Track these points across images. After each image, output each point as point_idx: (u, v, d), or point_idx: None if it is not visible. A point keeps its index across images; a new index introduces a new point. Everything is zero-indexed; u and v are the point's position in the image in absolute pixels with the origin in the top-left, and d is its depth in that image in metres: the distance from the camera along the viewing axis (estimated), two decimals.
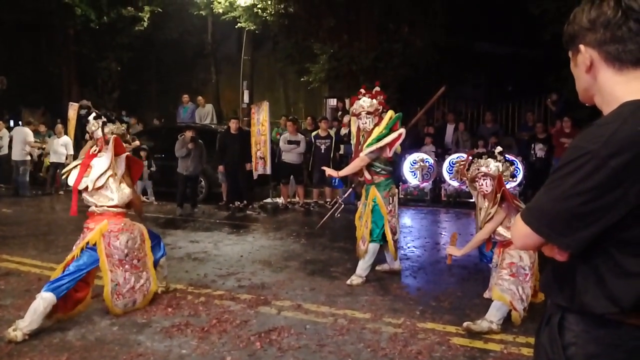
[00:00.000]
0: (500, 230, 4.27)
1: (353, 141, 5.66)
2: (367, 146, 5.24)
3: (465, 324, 4.06)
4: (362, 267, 5.35)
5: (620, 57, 1.28)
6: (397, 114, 5.34)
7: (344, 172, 5.75)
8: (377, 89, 5.42)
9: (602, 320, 1.26)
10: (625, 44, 1.26)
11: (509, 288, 4.05)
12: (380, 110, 5.28)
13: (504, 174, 4.34)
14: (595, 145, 1.18)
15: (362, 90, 5.42)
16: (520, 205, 4.20)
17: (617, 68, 1.29)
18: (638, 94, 1.24)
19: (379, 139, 5.19)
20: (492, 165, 4.34)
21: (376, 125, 5.27)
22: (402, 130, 5.24)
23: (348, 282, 5.27)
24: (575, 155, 1.21)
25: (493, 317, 4.02)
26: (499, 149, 4.55)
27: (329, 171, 5.83)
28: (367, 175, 5.42)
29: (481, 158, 4.44)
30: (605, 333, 1.27)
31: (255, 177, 10.76)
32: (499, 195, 4.19)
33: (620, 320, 1.24)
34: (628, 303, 1.22)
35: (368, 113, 5.26)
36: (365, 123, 5.28)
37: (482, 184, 4.39)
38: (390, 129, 5.23)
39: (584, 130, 1.25)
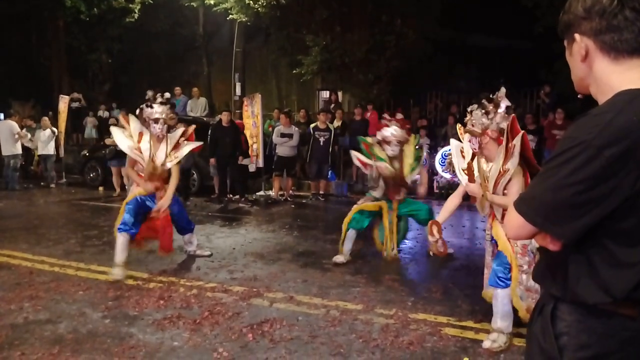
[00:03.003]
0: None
1: (384, 160, 5.62)
2: (411, 171, 5.70)
3: (485, 345, 3.61)
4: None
5: (616, 46, 1.26)
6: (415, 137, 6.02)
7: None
8: (400, 116, 5.81)
9: (595, 310, 1.26)
10: (621, 33, 1.25)
11: (527, 287, 3.59)
12: (408, 139, 5.71)
13: (500, 123, 3.59)
14: (590, 135, 1.17)
15: (387, 117, 5.76)
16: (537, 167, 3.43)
17: (612, 57, 1.28)
18: (634, 84, 1.23)
19: (416, 161, 5.75)
20: (479, 121, 3.70)
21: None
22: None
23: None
24: (570, 145, 1.20)
25: (505, 328, 3.63)
26: (502, 91, 3.69)
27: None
28: (397, 196, 5.71)
29: (476, 109, 3.77)
30: (597, 323, 1.27)
31: (253, 169, 10.75)
32: (513, 145, 3.37)
33: (612, 310, 1.24)
34: (621, 293, 1.22)
35: (398, 142, 5.58)
36: (394, 150, 5.58)
37: (470, 140, 3.81)
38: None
39: (579, 119, 1.24)
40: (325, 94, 15.83)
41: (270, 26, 15.72)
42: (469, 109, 3.84)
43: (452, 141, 4.39)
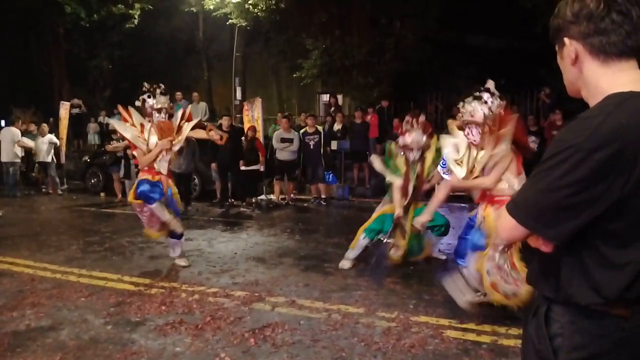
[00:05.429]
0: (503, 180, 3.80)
1: (399, 173, 5.54)
2: (428, 174, 5.61)
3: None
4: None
5: (604, 49, 1.28)
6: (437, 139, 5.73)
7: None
8: (422, 118, 5.55)
9: (587, 311, 1.27)
10: (608, 35, 1.27)
11: (498, 265, 3.73)
12: (429, 146, 5.55)
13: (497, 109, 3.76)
14: (580, 139, 1.19)
15: (409, 119, 5.53)
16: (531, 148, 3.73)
17: (601, 60, 1.30)
18: (623, 86, 1.25)
19: (435, 162, 5.60)
20: (478, 110, 3.85)
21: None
22: None
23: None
24: (560, 148, 1.22)
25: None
26: (490, 83, 3.92)
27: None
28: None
29: (466, 103, 3.94)
30: (590, 324, 1.28)
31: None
32: (504, 132, 3.58)
33: (605, 311, 1.26)
34: (612, 294, 1.23)
35: (419, 148, 5.45)
36: (415, 156, 5.47)
37: (467, 133, 3.96)
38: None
39: (569, 123, 1.26)
40: (326, 97, 15.85)
41: (270, 30, 15.77)
42: (460, 104, 3.97)
43: (445, 137, 4.46)
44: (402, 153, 5.57)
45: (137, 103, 5.56)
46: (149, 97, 5.45)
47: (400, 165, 5.55)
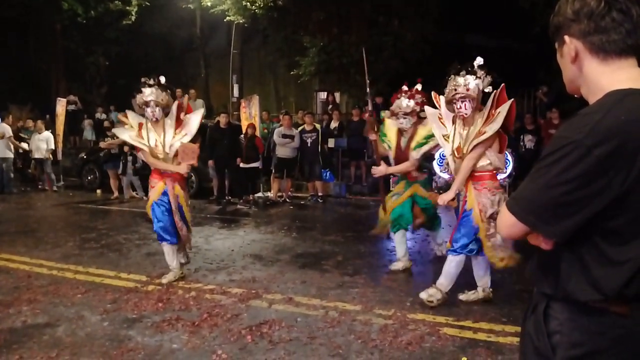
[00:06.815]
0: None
1: (391, 143, 5.46)
2: (417, 147, 5.27)
3: (422, 296, 4.32)
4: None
5: (604, 47, 1.29)
6: None
7: (393, 169, 5.45)
8: (418, 87, 5.43)
9: (587, 308, 1.28)
10: (609, 34, 1.27)
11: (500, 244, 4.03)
12: (417, 111, 5.33)
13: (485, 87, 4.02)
14: (580, 135, 1.19)
15: (405, 88, 5.44)
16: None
17: (601, 58, 1.30)
18: (623, 84, 1.25)
19: (428, 138, 5.24)
20: (472, 84, 3.96)
21: (416, 124, 5.31)
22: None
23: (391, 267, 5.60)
24: (560, 144, 1.22)
25: (444, 287, 4.28)
26: (479, 60, 4.10)
27: (377, 170, 5.39)
28: (414, 173, 5.43)
29: (458, 75, 4.05)
30: (589, 321, 1.28)
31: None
32: (498, 111, 3.84)
33: (604, 308, 1.26)
34: (612, 291, 1.23)
35: (405, 114, 5.31)
36: (402, 123, 5.33)
37: (460, 106, 4.04)
38: None
39: (569, 120, 1.26)
40: (323, 95, 15.86)
41: (268, 28, 15.75)
42: (449, 77, 4.17)
43: (428, 109, 4.65)
44: (392, 120, 5.49)
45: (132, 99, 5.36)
46: (139, 91, 5.09)
47: (391, 136, 5.47)
